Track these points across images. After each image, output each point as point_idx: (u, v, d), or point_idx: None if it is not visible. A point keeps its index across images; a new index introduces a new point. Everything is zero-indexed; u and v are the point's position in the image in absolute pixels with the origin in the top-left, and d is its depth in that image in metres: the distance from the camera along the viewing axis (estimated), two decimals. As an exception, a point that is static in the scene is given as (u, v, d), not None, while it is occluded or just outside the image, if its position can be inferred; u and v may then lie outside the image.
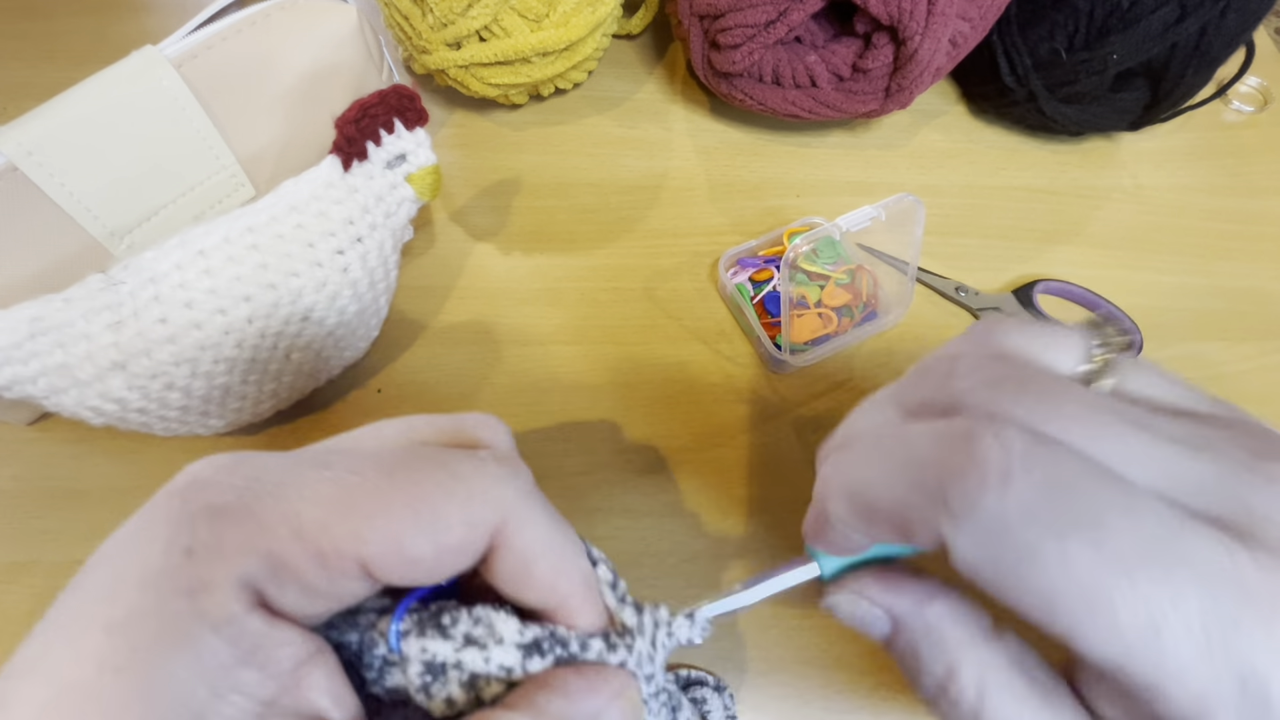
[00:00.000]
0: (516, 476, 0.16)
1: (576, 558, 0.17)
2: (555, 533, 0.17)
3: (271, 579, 0.14)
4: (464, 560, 0.16)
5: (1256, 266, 0.42)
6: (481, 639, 0.16)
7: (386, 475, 0.15)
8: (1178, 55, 0.38)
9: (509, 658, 0.16)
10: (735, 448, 0.35)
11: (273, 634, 0.14)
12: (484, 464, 0.16)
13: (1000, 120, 0.46)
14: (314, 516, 0.14)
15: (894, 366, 0.37)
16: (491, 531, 0.16)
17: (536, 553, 0.16)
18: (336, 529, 0.14)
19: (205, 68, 0.30)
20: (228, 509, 0.15)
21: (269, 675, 0.14)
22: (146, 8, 0.46)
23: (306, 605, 0.15)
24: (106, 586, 0.14)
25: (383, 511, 0.15)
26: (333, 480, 0.15)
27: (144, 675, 0.13)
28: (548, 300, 0.38)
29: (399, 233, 0.30)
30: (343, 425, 0.34)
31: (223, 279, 0.26)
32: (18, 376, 0.24)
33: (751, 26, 0.37)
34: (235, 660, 0.14)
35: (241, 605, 0.14)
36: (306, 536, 0.14)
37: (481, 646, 0.15)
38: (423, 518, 0.15)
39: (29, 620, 0.21)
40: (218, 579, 0.14)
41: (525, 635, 0.16)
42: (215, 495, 0.15)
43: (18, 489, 0.32)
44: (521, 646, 0.16)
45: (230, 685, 0.14)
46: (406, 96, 0.28)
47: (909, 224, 0.35)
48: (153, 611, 0.14)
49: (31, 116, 0.27)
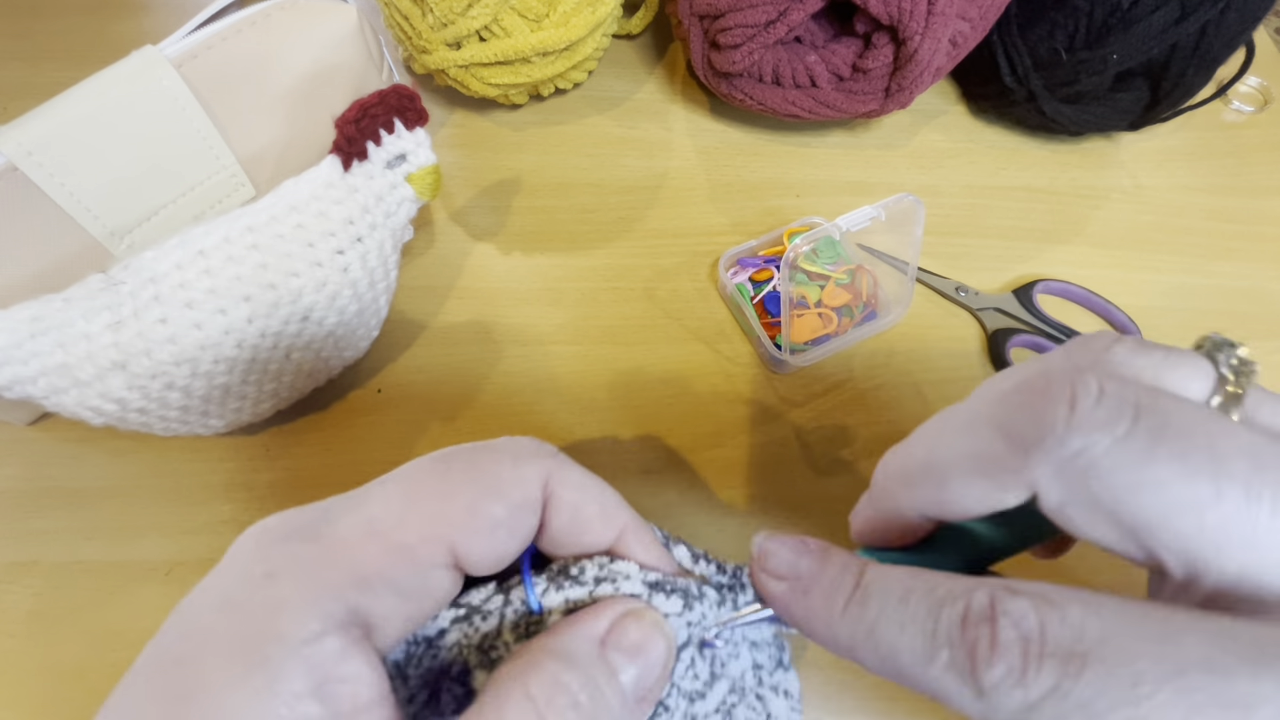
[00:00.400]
0: (542, 444, 0.18)
1: (618, 500, 0.19)
2: (592, 480, 0.18)
3: (363, 589, 0.15)
4: (531, 517, 0.17)
5: (1256, 266, 0.42)
6: (611, 576, 0.18)
7: (442, 466, 0.17)
8: (1178, 55, 0.38)
9: (637, 588, 0.18)
10: (735, 448, 0.35)
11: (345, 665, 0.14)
12: (513, 439, 0.18)
13: (1000, 120, 0.46)
14: (388, 516, 0.15)
15: (894, 366, 0.37)
16: (542, 486, 0.17)
17: (583, 498, 0.18)
18: (412, 517, 0.15)
19: (205, 68, 0.30)
20: (303, 531, 0.15)
21: (330, 713, 0.14)
22: (146, 8, 0.46)
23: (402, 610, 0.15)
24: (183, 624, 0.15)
25: (451, 492, 0.16)
26: (395, 484, 0.16)
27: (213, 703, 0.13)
28: (548, 300, 0.38)
29: (399, 233, 0.30)
30: (343, 425, 0.34)
31: (223, 279, 0.26)
32: (18, 376, 0.24)
33: (751, 26, 0.37)
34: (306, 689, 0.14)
35: (320, 623, 0.14)
36: (385, 535, 0.15)
37: (612, 582, 0.17)
38: (487, 484, 0.16)
39: (29, 620, 0.21)
40: (297, 597, 0.14)
41: (648, 576, 0.18)
42: (289, 526, 0.16)
43: (17, 489, 0.32)
44: (646, 583, 0.18)
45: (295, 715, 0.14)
46: (406, 96, 0.28)
47: (909, 224, 0.35)
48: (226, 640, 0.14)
49: (31, 116, 0.27)
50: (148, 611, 0.30)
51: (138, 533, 0.31)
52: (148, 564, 0.31)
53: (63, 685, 0.28)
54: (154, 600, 0.30)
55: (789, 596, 0.17)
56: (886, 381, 0.37)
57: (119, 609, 0.30)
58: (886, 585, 0.15)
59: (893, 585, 0.15)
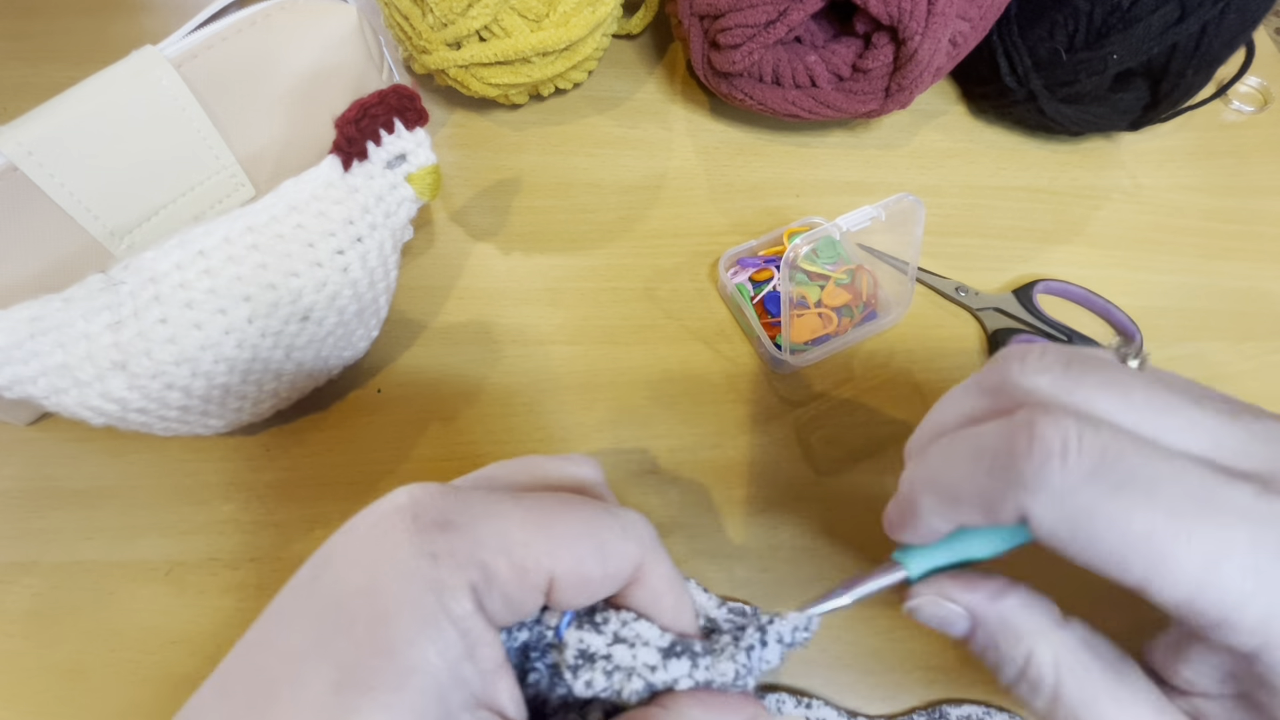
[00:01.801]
0: (649, 524, 0.20)
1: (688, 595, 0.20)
2: (676, 574, 0.20)
3: (486, 587, 0.17)
4: (614, 586, 0.19)
5: (1256, 266, 0.42)
6: (629, 639, 0.19)
7: (566, 508, 0.18)
8: (1178, 55, 0.38)
9: (652, 657, 0.19)
10: (735, 448, 0.35)
11: (485, 635, 0.17)
12: (630, 514, 0.19)
13: (1000, 120, 0.46)
14: (519, 537, 0.17)
15: (894, 366, 0.37)
16: (635, 567, 0.19)
17: (664, 589, 0.19)
18: (536, 547, 0.17)
19: (205, 68, 0.30)
20: (457, 524, 0.17)
21: (480, 672, 0.17)
22: (146, 8, 0.46)
23: (501, 614, 0.17)
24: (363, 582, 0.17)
25: (570, 535, 0.18)
26: (528, 508, 0.18)
27: (409, 659, 0.15)
28: (548, 300, 0.38)
29: (399, 233, 0.30)
30: (343, 425, 0.34)
31: (223, 279, 0.26)
32: (18, 376, 0.24)
33: (751, 26, 0.37)
34: (462, 654, 0.16)
35: (471, 605, 0.17)
36: (513, 553, 0.17)
37: (630, 645, 0.19)
38: (596, 543, 0.18)
39: (29, 620, 0.21)
40: (456, 581, 0.16)
41: (664, 640, 0.19)
42: (443, 513, 0.17)
43: (18, 489, 0.32)
44: (661, 649, 0.19)
45: (459, 676, 0.16)
46: (406, 96, 0.28)
47: (909, 224, 0.35)
48: (411, 604, 0.16)
49: (31, 116, 0.27)
50: (148, 611, 0.30)
51: (138, 533, 0.31)
52: (148, 564, 0.31)
53: (63, 685, 0.28)
54: (154, 600, 0.30)
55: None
56: (886, 381, 0.37)
57: (119, 609, 0.30)
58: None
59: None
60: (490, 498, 0.18)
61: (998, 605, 0.19)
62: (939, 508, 0.18)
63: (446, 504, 0.18)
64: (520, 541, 0.17)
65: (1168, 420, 0.16)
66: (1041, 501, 0.16)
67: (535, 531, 0.17)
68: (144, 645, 0.29)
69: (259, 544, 0.31)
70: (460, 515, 0.17)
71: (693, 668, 0.19)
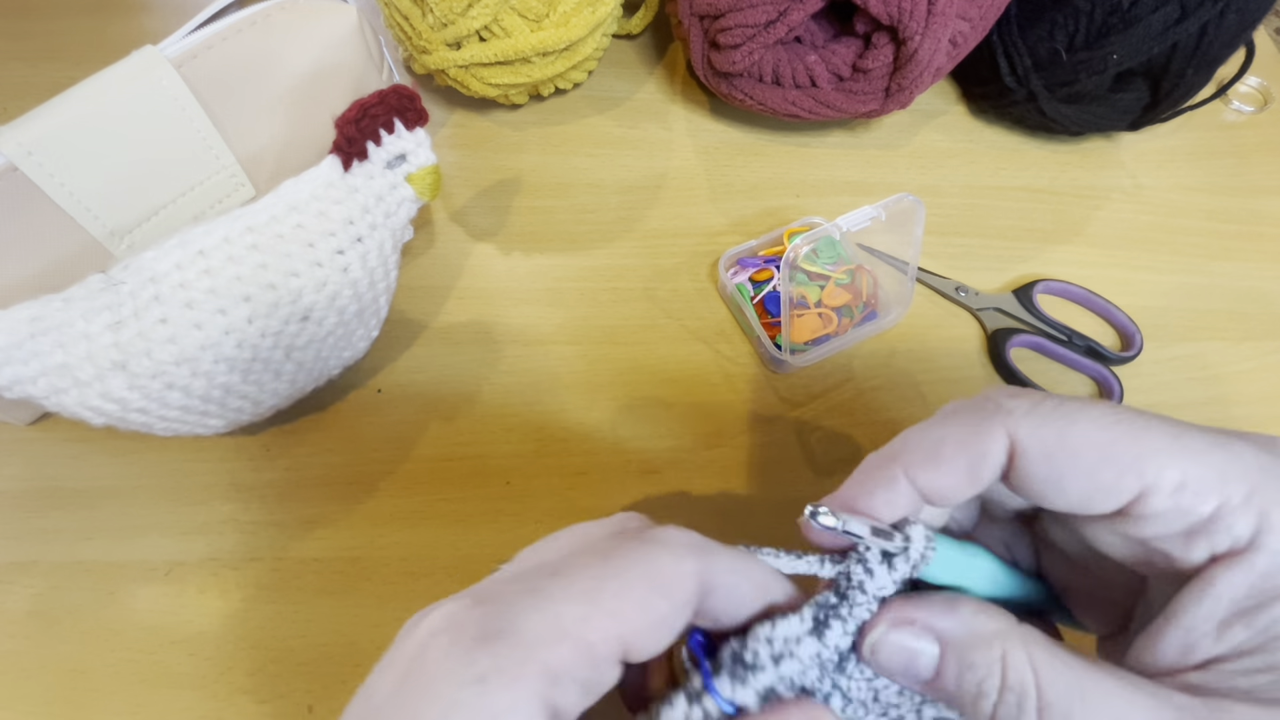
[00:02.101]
0: (687, 534, 0.18)
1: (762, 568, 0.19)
2: (739, 557, 0.19)
3: (555, 684, 0.15)
4: (687, 612, 0.17)
5: (1256, 266, 0.42)
6: (784, 651, 0.18)
7: (608, 562, 0.17)
8: (1178, 55, 0.38)
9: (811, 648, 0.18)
10: (735, 448, 0.35)
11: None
12: (665, 532, 0.18)
13: (1000, 120, 0.46)
14: (574, 614, 0.16)
15: (894, 366, 0.37)
16: (699, 579, 0.17)
17: (736, 580, 0.18)
18: (595, 618, 0.16)
19: (205, 68, 0.30)
20: (501, 632, 0.15)
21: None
22: (146, 8, 0.46)
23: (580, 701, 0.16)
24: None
25: (625, 587, 0.16)
26: (571, 579, 0.17)
27: None
28: (548, 300, 0.38)
29: (399, 233, 0.30)
30: (343, 425, 0.34)
31: (223, 279, 0.26)
32: (18, 376, 0.24)
33: (751, 26, 0.37)
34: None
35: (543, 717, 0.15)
36: (573, 634, 0.16)
37: (791, 656, 0.18)
38: (654, 581, 0.17)
39: (29, 620, 0.21)
40: (512, 701, 0.15)
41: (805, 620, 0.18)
42: (483, 625, 0.16)
43: (18, 489, 0.32)
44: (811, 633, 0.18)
45: None
46: (406, 96, 0.28)
47: (909, 224, 0.35)
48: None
49: (31, 116, 0.27)
50: (148, 611, 0.30)
51: (138, 533, 0.31)
52: (148, 564, 0.31)
53: (63, 685, 0.28)
54: (154, 600, 0.30)
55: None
56: (886, 381, 0.37)
57: (119, 609, 0.30)
58: None
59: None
60: (529, 583, 0.17)
61: (958, 616, 0.18)
62: (920, 462, 0.18)
63: (485, 612, 0.16)
64: (577, 618, 0.16)
65: None
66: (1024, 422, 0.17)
67: (588, 601, 0.16)
68: (144, 645, 0.29)
69: (259, 544, 0.31)
70: (502, 619, 0.16)
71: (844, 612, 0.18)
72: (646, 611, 0.16)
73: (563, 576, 0.17)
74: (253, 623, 0.30)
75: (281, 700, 0.29)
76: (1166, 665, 0.17)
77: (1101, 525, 0.19)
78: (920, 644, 0.18)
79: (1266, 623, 0.16)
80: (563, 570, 0.17)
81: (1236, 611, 0.16)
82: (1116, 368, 0.38)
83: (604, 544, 0.18)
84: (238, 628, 0.30)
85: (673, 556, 0.17)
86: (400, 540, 0.32)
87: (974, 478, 0.18)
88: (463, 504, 0.33)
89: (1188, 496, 0.17)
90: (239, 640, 0.29)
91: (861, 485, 0.19)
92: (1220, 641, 0.16)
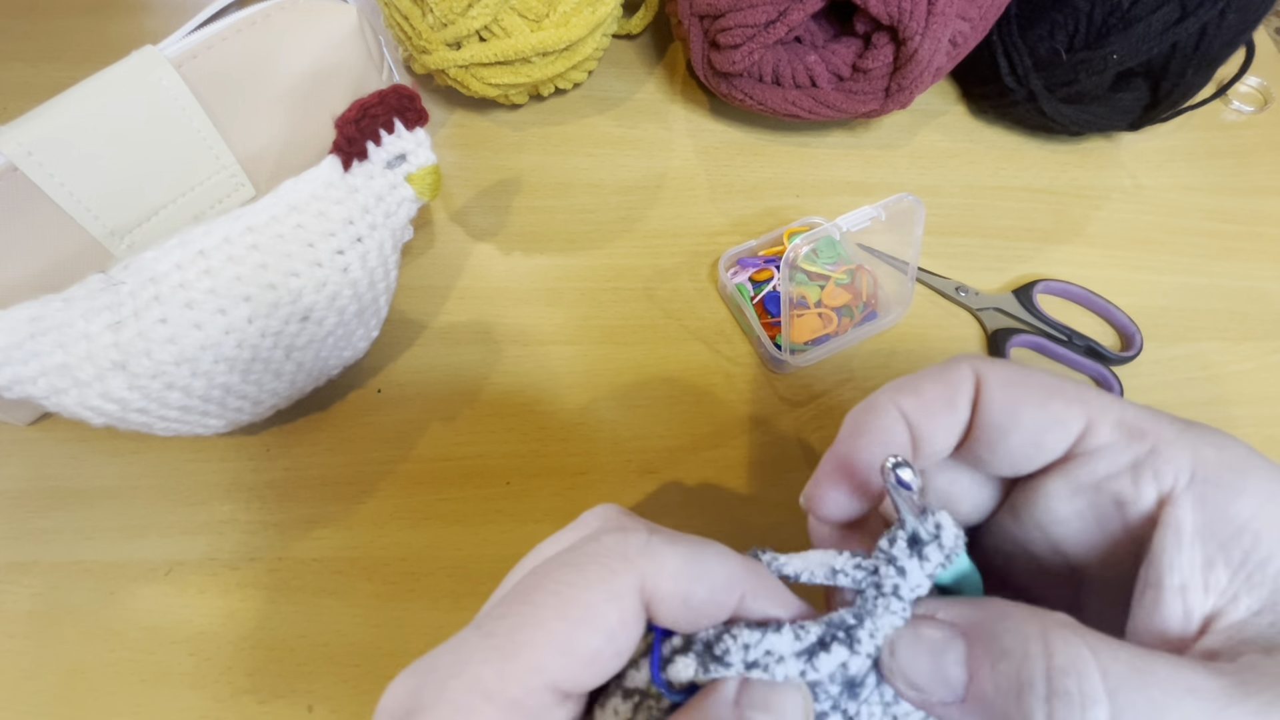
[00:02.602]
0: (627, 539, 0.17)
1: (727, 569, 0.17)
2: (693, 558, 0.17)
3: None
4: (635, 630, 0.16)
5: (1256, 266, 0.42)
6: (762, 663, 0.16)
7: (527, 603, 0.16)
8: (1178, 55, 0.38)
9: (793, 669, 0.16)
10: (735, 448, 0.35)
11: None
12: (599, 544, 0.17)
13: (1000, 120, 0.46)
14: (491, 673, 0.15)
15: (894, 367, 0.37)
16: (639, 591, 0.16)
17: (688, 588, 0.16)
18: (514, 674, 0.15)
19: (205, 68, 0.30)
20: (421, 709, 0.15)
21: None
22: (146, 8, 0.46)
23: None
24: None
25: (542, 634, 0.15)
26: (488, 634, 0.16)
27: None
28: (548, 300, 0.38)
29: (399, 233, 0.30)
30: (343, 425, 0.34)
31: (223, 279, 0.26)
32: (18, 376, 0.24)
33: (751, 26, 0.37)
34: None
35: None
36: (494, 694, 0.15)
37: (763, 668, 0.16)
38: (577, 617, 0.15)
39: (29, 620, 0.21)
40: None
41: (803, 639, 0.16)
42: (405, 704, 0.15)
43: (18, 489, 0.32)
44: (800, 655, 0.16)
45: None
46: (406, 96, 0.28)
47: (909, 224, 0.35)
48: None
49: (31, 116, 0.27)
50: (148, 611, 0.30)
51: (138, 533, 0.31)
52: (148, 564, 0.31)
53: (62, 685, 0.28)
54: (154, 600, 0.30)
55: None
56: (886, 381, 0.37)
57: (119, 609, 0.30)
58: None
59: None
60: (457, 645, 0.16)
61: (978, 605, 0.17)
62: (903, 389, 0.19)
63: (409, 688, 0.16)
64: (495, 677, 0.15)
65: None
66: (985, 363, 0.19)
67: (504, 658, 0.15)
68: (144, 645, 0.29)
69: (259, 544, 0.31)
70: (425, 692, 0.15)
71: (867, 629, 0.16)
72: (572, 651, 0.15)
73: (482, 629, 0.16)
74: (253, 623, 0.30)
75: (281, 700, 0.29)
76: (1174, 637, 0.16)
77: (1055, 480, 0.19)
78: (943, 633, 0.16)
79: (1240, 557, 0.16)
80: (483, 622, 0.16)
81: (1209, 553, 0.16)
82: (1116, 368, 0.38)
83: (534, 574, 0.17)
84: (238, 628, 0.30)
85: (600, 578, 0.16)
86: (400, 540, 0.32)
87: (951, 404, 0.19)
88: (463, 504, 0.33)
89: (1126, 429, 0.18)
90: (239, 640, 0.29)
91: (854, 428, 0.20)
92: (1209, 592, 0.16)
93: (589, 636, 0.15)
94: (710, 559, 0.17)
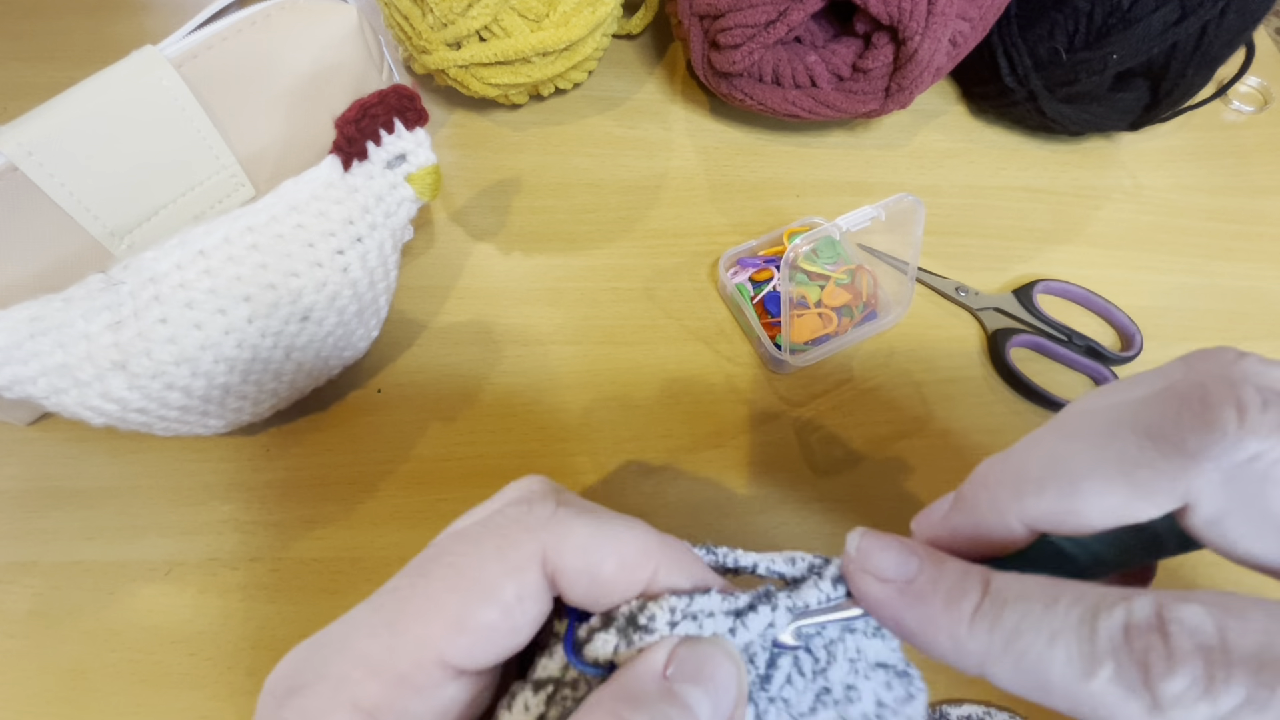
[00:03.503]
0: (531, 510, 0.16)
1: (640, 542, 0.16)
2: (602, 532, 0.16)
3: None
4: (536, 605, 0.16)
5: (1256, 266, 0.42)
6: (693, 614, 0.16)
7: (421, 576, 0.16)
8: (1178, 55, 0.38)
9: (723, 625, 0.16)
10: (735, 448, 0.35)
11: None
12: (502, 515, 0.16)
13: (1000, 120, 0.46)
14: (377, 647, 0.15)
15: (894, 366, 0.37)
16: (541, 564, 0.16)
17: (594, 560, 0.16)
18: (401, 648, 0.15)
19: (205, 68, 0.30)
20: (304, 685, 0.15)
21: None
22: (146, 8, 0.46)
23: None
24: None
25: (433, 607, 0.15)
26: (378, 608, 0.15)
27: None
28: (548, 300, 0.38)
29: (399, 233, 0.30)
30: (343, 425, 0.34)
31: (223, 279, 0.26)
32: (18, 376, 0.24)
33: (751, 26, 0.37)
34: None
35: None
36: (380, 668, 0.15)
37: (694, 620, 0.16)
38: (470, 590, 0.15)
39: (29, 620, 0.21)
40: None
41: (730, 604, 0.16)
42: (289, 679, 0.15)
43: (18, 489, 0.32)
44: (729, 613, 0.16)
45: None
46: (406, 96, 0.28)
47: (909, 224, 0.35)
48: None
49: (31, 116, 0.27)
50: (148, 611, 0.30)
51: (138, 533, 0.31)
52: (148, 564, 0.31)
53: (63, 685, 0.28)
54: (154, 600, 0.30)
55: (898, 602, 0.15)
56: (886, 381, 0.37)
57: (119, 609, 0.30)
58: (1025, 591, 0.14)
59: (1033, 591, 0.14)
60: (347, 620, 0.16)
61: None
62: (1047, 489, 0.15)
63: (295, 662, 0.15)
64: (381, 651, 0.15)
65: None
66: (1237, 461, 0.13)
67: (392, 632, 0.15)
68: (144, 645, 0.29)
69: (259, 544, 0.31)
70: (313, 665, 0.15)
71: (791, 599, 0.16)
72: (464, 625, 0.15)
73: (373, 607, 0.16)
74: (253, 623, 0.30)
75: (281, 700, 0.29)
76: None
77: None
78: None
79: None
80: (379, 597, 0.16)
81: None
82: (1116, 368, 0.38)
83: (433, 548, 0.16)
84: (238, 628, 0.30)
85: (498, 551, 0.15)
86: (400, 540, 0.32)
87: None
88: (463, 504, 0.32)
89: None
90: (239, 640, 0.29)
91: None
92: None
93: (482, 610, 0.15)
94: (620, 532, 0.16)
